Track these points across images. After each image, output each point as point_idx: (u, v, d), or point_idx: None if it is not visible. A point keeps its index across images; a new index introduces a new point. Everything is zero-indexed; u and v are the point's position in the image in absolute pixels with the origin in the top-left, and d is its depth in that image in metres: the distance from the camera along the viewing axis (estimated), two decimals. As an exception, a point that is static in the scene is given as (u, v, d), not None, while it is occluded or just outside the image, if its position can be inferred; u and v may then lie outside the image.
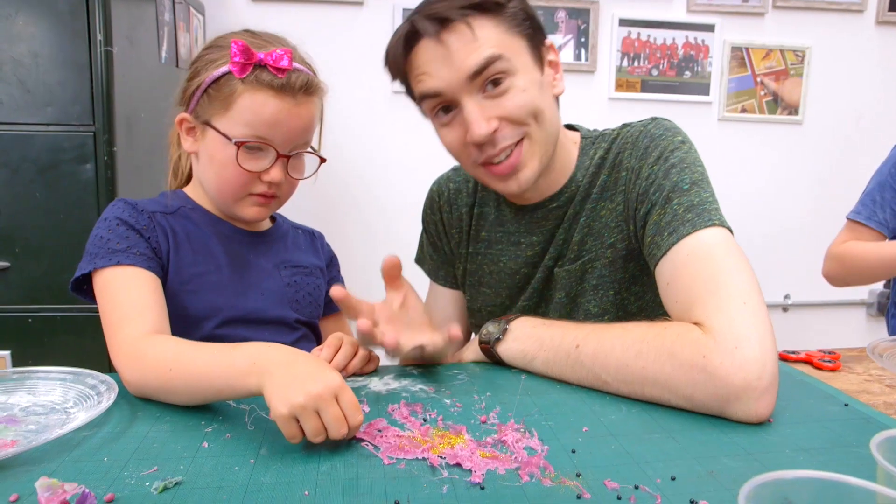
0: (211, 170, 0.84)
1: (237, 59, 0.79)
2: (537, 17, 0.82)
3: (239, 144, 0.80)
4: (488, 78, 0.76)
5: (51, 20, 1.28)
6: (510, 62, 0.77)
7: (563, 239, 0.89)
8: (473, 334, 1.06)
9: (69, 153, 1.31)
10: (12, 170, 1.31)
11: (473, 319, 1.02)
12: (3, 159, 1.30)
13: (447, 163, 1.06)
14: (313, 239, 1.02)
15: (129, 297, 0.76)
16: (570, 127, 0.94)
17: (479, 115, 0.77)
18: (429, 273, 1.07)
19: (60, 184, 1.32)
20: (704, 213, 0.74)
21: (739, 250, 0.72)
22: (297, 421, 0.56)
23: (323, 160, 0.90)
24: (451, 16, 0.75)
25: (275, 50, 0.80)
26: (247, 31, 0.85)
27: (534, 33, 0.81)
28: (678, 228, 0.74)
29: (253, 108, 0.80)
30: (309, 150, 0.87)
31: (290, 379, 0.58)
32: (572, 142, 0.90)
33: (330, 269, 1.03)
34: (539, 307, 0.93)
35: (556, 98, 0.85)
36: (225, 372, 0.63)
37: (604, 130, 0.91)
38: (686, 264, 0.72)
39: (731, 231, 0.74)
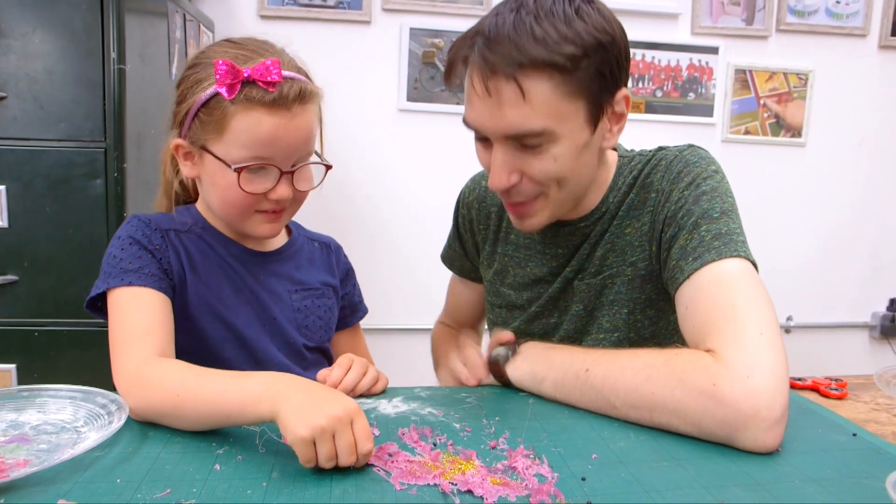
0: (214, 194, 0.82)
1: (224, 79, 0.74)
2: (616, 67, 0.75)
3: (239, 170, 0.77)
4: (525, 141, 0.75)
5: (66, 38, 1.29)
6: (553, 132, 0.74)
7: (586, 253, 0.89)
8: (486, 326, 1.10)
9: (80, 169, 1.32)
10: (24, 184, 1.32)
11: (492, 315, 1.03)
12: (16, 174, 1.31)
13: (453, 180, 1.08)
14: (329, 252, 0.99)
15: (135, 319, 0.75)
16: None
17: (502, 167, 0.76)
18: (451, 264, 1.12)
19: (71, 199, 1.32)
20: (731, 244, 0.74)
21: (761, 284, 0.72)
22: (314, 444, 0.56)
23: (329, 167, 0.85)
24: (502, 71, 0.71)
25: (262, 62, 0.75)
26: (228, 40, 0.81)
27: (602, 90, 0.75)
28: (703, 255, 0.74)
29: (248, 129, 0.75)
30: (313, 159, 0.83)
31: (308, 402, 0.58)
32: (610, 161, 0.89)
33: (345, 283, 1.00)
34: (552, 316, 0.93)
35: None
36: (237, 397, 0.62)
37: (640, 151, 0.90)
38: (707, 290, 0.72)
39: (755, 266, 0.74)
